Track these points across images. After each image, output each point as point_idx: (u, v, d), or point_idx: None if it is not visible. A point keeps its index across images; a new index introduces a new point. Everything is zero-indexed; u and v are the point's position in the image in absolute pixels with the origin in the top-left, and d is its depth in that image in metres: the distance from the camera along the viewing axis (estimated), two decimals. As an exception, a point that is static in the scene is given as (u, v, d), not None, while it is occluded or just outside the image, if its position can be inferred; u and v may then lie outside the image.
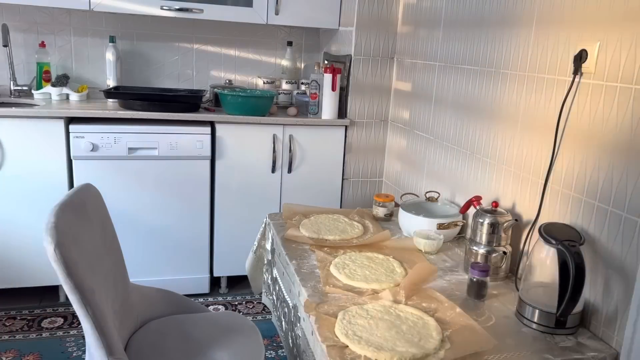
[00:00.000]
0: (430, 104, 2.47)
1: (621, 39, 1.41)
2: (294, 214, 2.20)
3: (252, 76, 3.34)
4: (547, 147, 1.69)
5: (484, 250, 1.72)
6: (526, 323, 1.46)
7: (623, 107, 1.40)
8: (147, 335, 1.65)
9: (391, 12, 2.82)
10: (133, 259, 2.69)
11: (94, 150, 2.56)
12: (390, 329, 1.35)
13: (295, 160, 2.86)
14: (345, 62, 2.88)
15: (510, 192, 1.87)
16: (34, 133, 2.51)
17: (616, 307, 1.42)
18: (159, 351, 1.57)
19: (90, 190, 1.57)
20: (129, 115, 2.61)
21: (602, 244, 1.47)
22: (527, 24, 1.80)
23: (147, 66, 3.20)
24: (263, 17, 2.90)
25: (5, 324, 2.52)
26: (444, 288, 1.65)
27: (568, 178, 1.60)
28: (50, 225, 1.29)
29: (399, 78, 2.85)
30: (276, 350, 2.44)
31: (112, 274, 1.58)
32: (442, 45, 2.36)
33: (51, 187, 2.55)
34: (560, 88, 1.64)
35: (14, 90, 2.87)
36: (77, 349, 2.37)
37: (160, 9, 2.78)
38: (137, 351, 1.57)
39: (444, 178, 2.34)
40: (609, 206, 1.45)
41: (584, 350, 1.38)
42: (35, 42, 2.98)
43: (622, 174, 1.40)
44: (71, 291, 1.30)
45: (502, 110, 1.93)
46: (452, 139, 2.28)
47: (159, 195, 2.71)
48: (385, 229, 2.08)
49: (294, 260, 1.78)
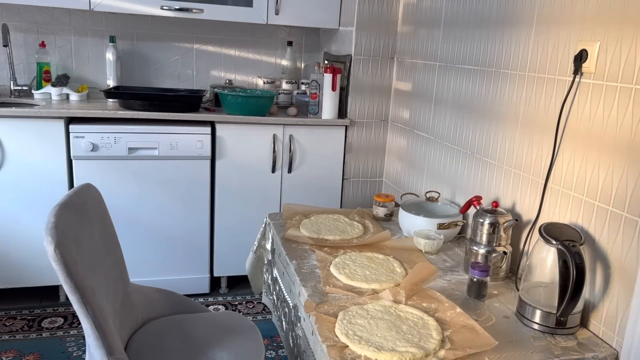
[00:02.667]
0: (430, 104, 2.47)
1: (621, 39, 1.41)
2: (294, 214, 2.20)
3: (252, 76, 3.34)
4: (547, 147, 1.69)
5: (484, 250, 1.72)
6: (526, 323, 1.46)
7: (623, 107, 1.40)
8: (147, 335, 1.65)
9: (391, 12, 2.82)
10: (133, 259, 2.69)
11: (94, 150, 2.56)
12: (391, 329, 1.35)
13: (295, 160, 2.86)
14: (346, 62, 2.88)
15: (511, 192, 1.87)
16: (34, 133, 2.51)
17: (616, 307, 1.42)
18: (159, 351, 1.57)
19: (90, 190, 1.57)
20: (129, 115, 2.61)
21: (603, 244, 1.47)
22: (527, 24, 1.80)
23: (147, 66, 3.20)
24: (263, 17, 2.90)
25: (6, 324, 2.52)
26: (444, 288, 1.65)
27: (568, 178, 1.60)
28: (50, 225, 1.29)
29: (399, 78, 2.85)
30: (276, 350, 2.44)
31: (112, 274, 1.58)
32: (442, 45, 2.36)
33: (51, 187, 2.56)
34: (560, 88, 1.64)
35: (14, 90, 2.87)
36: (77, 349, 2.37)
37: (160, 8, 2.78)
38: (137, 351, 1.57)
39: (444, 178, 2.35)
40: (609, 206, 1.45)
41: (584, 350, 1.38)
42: (35, 42, 2.98)
43: (623, 174, 1.40)
44: (71, 291, 1.30)
45: (502, 110, 1.93)
46: (452, 138, 2.28)
47: (159, 195, 2.71)
48: (385, 229, 2.08)
49: (294, 260, 1.78)
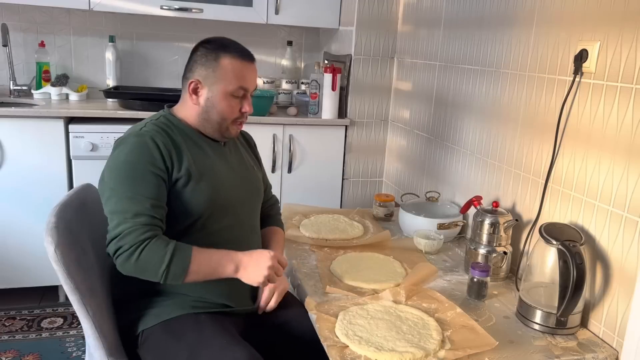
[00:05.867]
0: (430, 103, 2.47)
1: (621, 39, 1.41)
2: (294, 214, 2.20)
3: (252, 76, 3.33)
4: (547, 147, 1.69)
5: (484, 250, 1.72)
6: (527, 323, 1.46)
7: (623, 107, 1.40)
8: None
9: (391, 11, 2.82)
10: (133, 259, 2.69)
11: (93, 150, 2.55)
12: (391, 329, 1.35)
13: (295, 160, 2.86)
14: (346, 61, 2.88)
15: (511, 192, 1.87)
16: (34, 133, 2.51)
17: (616, 307, 1.42)
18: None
19: (90, 190, 1.56)
20: (128, 115, 2.61)
21: (603, 244, 1.47)
22: (527, 24, 1.79)
23: (147, 66, 3.20)
24: (263, 17, 2.90)
25: (5, 324, 2.51)
26: (444, 288, 1.65)
27: (568, 178, 1.60)
28: (50, 226, 1.29)
29: (399, 78, 2.85)
30: (276, 350, 2.44)
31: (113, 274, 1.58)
32: (442, 45, 2.36)
33: (51, 187, 2.55)
34: (560, 88, 1.64)
35: (14, 90, 2.86)
36: (76, 349, 2.37)
37: (160, 8, 2.78)
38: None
39: (444, 178, 2.34)
40: (609, 206, 1.45)
41: (585, 350, 1.38)
42: (34, 42, 2.97)
43: (623, 174, 1.40)
44: (71, 291, 1.30)
45: (502, 110, 1.93)
46: (452, 138, 2.27)
47: (158, 195, 2.70)
48: (385, 229, 2.08)
49: (294, 260, 1.78)
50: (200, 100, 1.44)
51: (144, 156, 1.32)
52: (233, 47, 1.45)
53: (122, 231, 1.26)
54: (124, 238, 1.25)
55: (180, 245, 1.29)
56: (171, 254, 1.26)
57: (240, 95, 1.45)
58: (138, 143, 1.33)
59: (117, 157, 1.33)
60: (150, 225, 1.27)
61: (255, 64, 1.49)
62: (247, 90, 1.46)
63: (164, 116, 1.47)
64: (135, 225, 1.25)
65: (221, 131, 1.47)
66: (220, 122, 1.45)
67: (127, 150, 1.33)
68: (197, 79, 1.42)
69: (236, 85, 1.43)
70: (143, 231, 1.25)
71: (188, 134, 1.45)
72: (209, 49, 1.43)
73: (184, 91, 1.47)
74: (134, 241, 1.24)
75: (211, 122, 1.45)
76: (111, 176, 1.32)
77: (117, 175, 1.31)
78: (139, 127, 1.41)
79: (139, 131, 1.38)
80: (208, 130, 1.47)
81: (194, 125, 1.47)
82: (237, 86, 1.43)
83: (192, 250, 1.30)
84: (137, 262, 1.25)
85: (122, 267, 1.28)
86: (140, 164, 1.31)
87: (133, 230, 1.25)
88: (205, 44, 1.45)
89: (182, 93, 1.48)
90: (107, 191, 1.32)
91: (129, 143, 1.34)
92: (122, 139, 1.39)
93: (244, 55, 1.46)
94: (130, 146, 1.33)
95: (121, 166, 1.32)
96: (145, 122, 1.44)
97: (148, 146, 1.33)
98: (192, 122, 1.47)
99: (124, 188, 1.29)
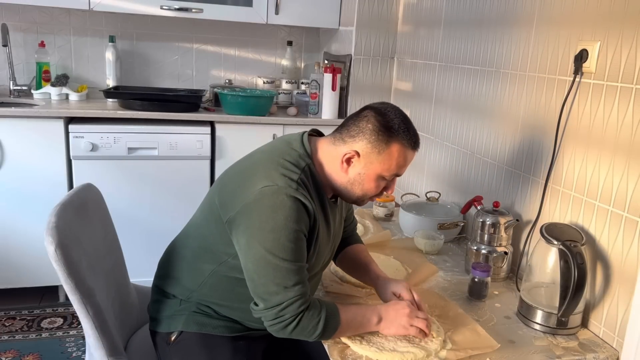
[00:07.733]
0: (430, 104, 2.47)
1: (621, 39, 1.41)
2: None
3: (252, 76, 3.34)
4: (547, 147, 1.69)
5: (484, 250, 1.72)
6: (527, 323, 1.46)
7: (624, 107, 1.40)
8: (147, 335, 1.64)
9: (391, 11, 2.82)
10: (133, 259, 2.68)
11: (93, 150, 2.55)
12: (391, 329, 1.35)
13: (295, 160, 2.85)
14: (346, 61, 2.88)
15: (511, 192, 1.87)
16: (34, 133, 2.51)
17: (617, 307, 1.42)
18: (160, 351, 1.57)
19: (91, 190, 1.56)
20: (128, 115, 2.61)
21: (603, 244, 1.47)
22: (527, 24, 1.79)
23: (147, 66, 3.20)
24: (263, 17, 2.90)
25: (5, 324, 2.51)
26: (444, 288, 1.65)
27: (569, 178, 1.60)
28: (51, 226, 1.28)
29: (399, 78, 2.85)
30: (276, 350, 2.44)
31: (113, 274, 1.58)
32: (442, 45, 2.36)
33: (51, 187, 2.55)
34: (560, 88, 1.64)
35: (14, 90, 2.87)
36: (77, 349, 2.37)
37: (160, 8, 2.78)
38: (137, 351, 1.57)
39: (444, 178, 2.34)
40: (609, 206, 1.45)
41: (585, 350, 1.38)
42: (34, 42, 2.97)
43: (623, 174, 1.40)
44: (72, 291, 1.30)
45: (502, 110, 1.93)
46: (452, 138, 2.27)
47: (159, 195, 2.70)
48: (385, 229, 2.08)
49: (295, 261, 1.77)
50: (350, 171, 1.32)
51: (300, 223, 1.25)
52: (407, 133, 1.34)
53: (283, 301, 1.23)
54: (285, 309, 1.23)
55: (330, 309, 1.28)
56: (324, 323, 1.25)
57: (391, 179, 1.37)
58: (296, 209, 1.24)
59: (275, 219, 1.23)
60: (307, 294, 1.26)
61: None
62: (400, 175, 1.38)
63: (308, 167, 1.32)
64: (296, 296, 1.23)
65: (353, 201, 1.41)
66: (361, 197, 1.37)
67: (285, 214, 1.23)
68: (357, 152, 1.30)
69: (394, 172, 1.34)
70: (303, 302, 1.24)
71: (321, 196, 1.35)
72: (383, 130, 1.30)
73: (336, 146, 1.33)
74: (294, 312, 1.23)
75: (350, 193, 1.36)
76: (267, 238, 1.23)
77: (275, 239, 1.23)
78: (289, 181, 1.26)
79: (294, 189, 1.25)
80: (342, 195, 1.38)
81: (329, 184, 1.36)
82: (394, 173, 1.34)
83: (340, 312, 1.28)
84: (294, 331, 1.25)
85: (276, 332, 1.27)
86: (299, 232, 1.25)
87: (294, 301, 1.23)
88: (380, 118, 1.30)
89: (334, 144, 1.34)
90: (259, 249, 1.24)
91: (286, 207, 1.23)
92: (274, 192, 1.25)
93: (415, 145, 1.37)
94: (289, 211, 1.23)
95: (281, 232, 1.23)
96: (292, 167, 1.29)
97: (303, 212, 1.25)
98: (330, 182, 1.36)
99: (283, 254, 1.23)
